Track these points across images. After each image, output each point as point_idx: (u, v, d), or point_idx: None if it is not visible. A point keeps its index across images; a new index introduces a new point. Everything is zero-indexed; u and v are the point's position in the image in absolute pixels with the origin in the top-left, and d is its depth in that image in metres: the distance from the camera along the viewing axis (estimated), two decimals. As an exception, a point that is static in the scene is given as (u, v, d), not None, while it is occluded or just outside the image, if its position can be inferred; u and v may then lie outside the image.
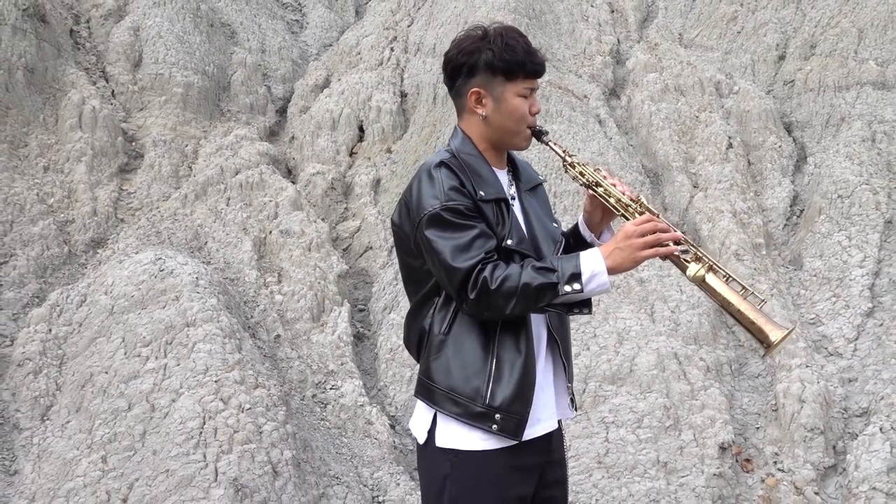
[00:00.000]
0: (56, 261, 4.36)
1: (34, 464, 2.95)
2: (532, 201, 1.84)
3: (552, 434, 1.75)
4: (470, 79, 1.74)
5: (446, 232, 1.62)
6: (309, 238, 4.76)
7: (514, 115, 1.72)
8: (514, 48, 1.71)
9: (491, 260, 1.60)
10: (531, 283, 1.57)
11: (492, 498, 1.64)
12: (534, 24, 7.72)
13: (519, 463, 1.66)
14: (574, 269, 1.58)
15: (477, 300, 1.59)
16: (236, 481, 2.51)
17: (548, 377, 1.74)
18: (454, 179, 1.69)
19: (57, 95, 5.81)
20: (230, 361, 3.05)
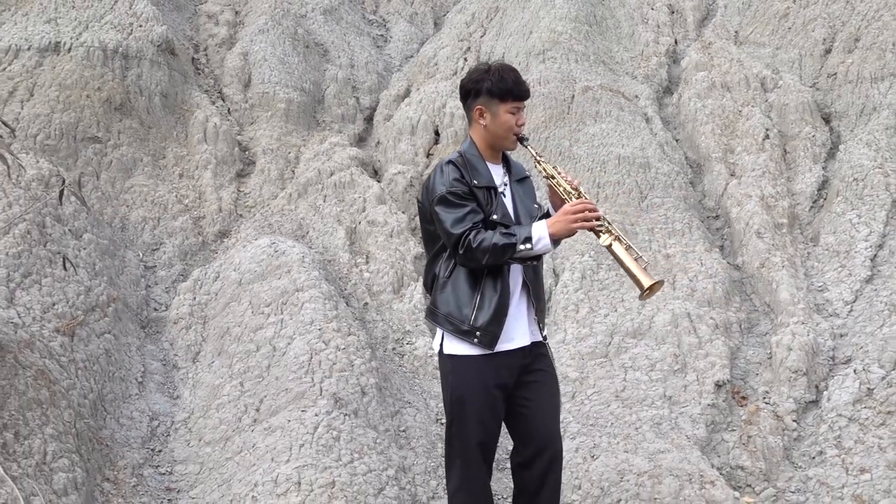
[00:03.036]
0: (193, 248, 5.52)
1: (191, 390, 4.03)
2: (519, 189, 2.70)
3: (526, 348, 2.57)
4: (476, 99, 2.61)
5: (448, 208, 2.48)
6: (391, 227, 5.73)
7: (504, 126, 2.56)
8: (506, 80, 2.59)
9: (476, 228, 2.46)
10: (498, 242, 2.42)
11: (476, 385, 2.50)
12: (594, 30, 8.41)
13: (495, 363, 2.50)
14: (527, 234, 2.43)
15: (464, 255, 2.45)
16: (335, 395, 3.46)
17: (521, 310, 2.58)
18: (457, 173, 2.54)
19: (185, 115, 7.05)
20: (329, 316, 4.03)
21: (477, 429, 2.56)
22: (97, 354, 3.85)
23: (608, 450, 3.48)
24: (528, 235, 2.41)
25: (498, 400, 2.57)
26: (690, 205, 5.46)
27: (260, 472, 3.10)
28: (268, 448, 3.25)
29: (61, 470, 3.00)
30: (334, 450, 3.18)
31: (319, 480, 2.98)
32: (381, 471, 3.17)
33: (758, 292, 4.69)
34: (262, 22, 8.79)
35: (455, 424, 2.61)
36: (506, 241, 2.40)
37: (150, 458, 3.56)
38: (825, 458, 3.32)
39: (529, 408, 2.61)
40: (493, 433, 2.60)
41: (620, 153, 5.76)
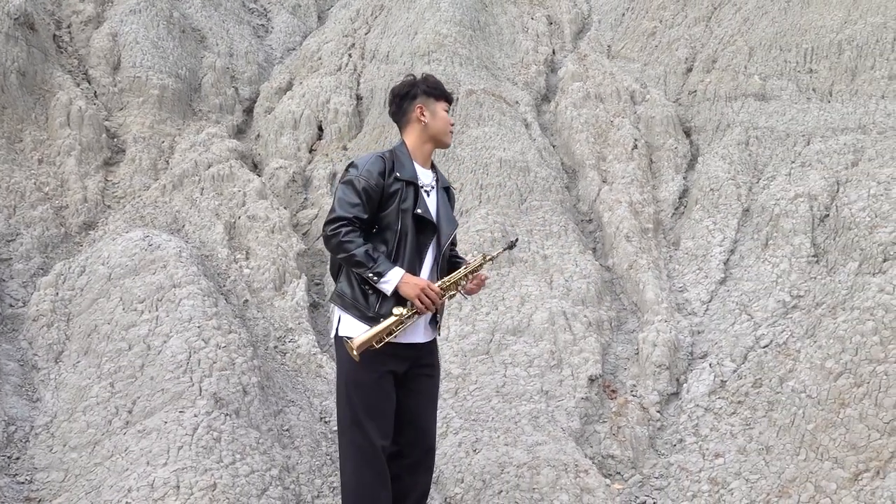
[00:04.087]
0: (55, 239, 5.14)
1: (53, 393, 3.75)
2: (444, 195, 2.84)
3: (423, 344, 2.72)
4: (414, 100, 2.79)
5: (349, 191, 2.63)
6: (272, 223, 5.60)
7: (443, 121, 2.79)
8: (438, 84, 2.80)
9: (353, 225, 2.59)
10: (357, 255, 2.56)
11: (371, 368, 2.58)
12: (478, 35, 8.62)
13: (391, 351, 2.59)
14: (383, 271, 2.58)
15: (329, 238, 2.59)
16: (216, 395, 3.35)
17: None
18: (380, 167, 2.70)
19: (46, 96, 6.53)
20: (209, 313, 3.89)
21: (370, 411, 2.62)
22: (-57, 354, 3.51)
23: (489, 443, 3.59)
24: (382, 272, 2.58)
25: (389, 383, 2.65)
26: (566, 208, 5.73)
27: (134, 477, 2.95)
28: (142, 451, 3.10)
29: None
30: (215, 451, 3.08)
31: (200, 483, 2.88)
32: (264, 471, 3.11)
33: (626, 292, 5.00)
34: (134, 2, 8.30)
35: (348, 406, 2.66)
36: (362, 261, 2.57)
37: (5, 467, 3.29)
38: (685, 445, 3.60)
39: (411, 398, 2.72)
40: (387, 415, 2.66)
41: (502, 156, 5.94)
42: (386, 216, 2.66)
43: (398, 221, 2.66)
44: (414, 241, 2.68)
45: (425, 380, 2.77)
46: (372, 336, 2.57)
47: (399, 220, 2.65)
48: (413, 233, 2.68)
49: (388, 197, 2.67)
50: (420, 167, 2.78)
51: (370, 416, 2.62)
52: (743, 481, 3.21)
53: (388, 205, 2.66)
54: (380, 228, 2.67)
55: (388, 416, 2.67)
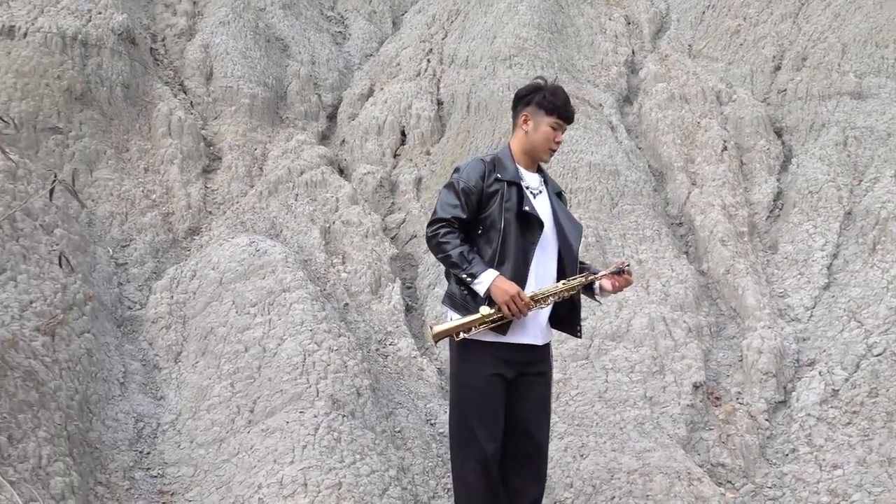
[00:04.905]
0: (164, 244, 5.40)
1: (175, 391, 3.96)
2: (556, 200, 2.85)
3: (535, 347, 2.71)
4: (525, 107, 2.82)
5: (449, 194, 2.71)
6: (365, 227, 5.74)
7: (542, 137, 2.78)
8: (558, 97, 2.78)
9: (451, 225, 2.66)
10: (453, 256, 2.63)
11: (480, 370, 2.63)
12: (556, 38, 8.60)
13: (501, 354, 2.63)
14: (476, 272, 2.61)
15: (430, 238, 2.69)
16: (332, 397, 3.48)
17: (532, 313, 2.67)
18: (481, 171, 2.76)
19: (148, 107, 6.86)
20: (319, 317, 4.03)
21: (479, 414, 2.66)
22: (79, 354, 3.74)
23: (596, 449, 3.61)
24: (476, 273, 2.61)
25: (498, 388, 2.69)
26: (658, 212, 5.69)
27: (263, 474, 3.09)
28: (268, 450, 3.24)
29: (57, 474, 2.93)
30: (336, 451, 3.20)
31: (326, 482, 3.00)
32: (383, 471, 3.22)
33: (723, 297, 4.93)
34: (223, 14, 8.61)
35: (456, 409, 2.71)
36: (457, 262, 2.63)
37: (139, 461, 3.49)
38: (798, 455, 3.54)
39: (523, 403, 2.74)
40: (496, 418, 2.69)
41: (591, 160, 5.94)
42: (488, 217, 2.70)
43: (501, 220, 2.68)
44: (519, 241, 2.69)
45: (537, 386, 2.76)
46: (451, 328, 2.60)
47: (502, 219, 2.68)
48: (517, 232, 2.69)
49: (488, 198, 2.71)
50: (524, 170, 2.81)
51: (479, 419, 2.65)
52: (865, 493, 3.14)
53: (490, 205, 2.70)
54: (484, 229, 2.71)
55: (498, 419, 2.68)
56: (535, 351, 2.73)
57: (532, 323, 2.72)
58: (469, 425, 2.67)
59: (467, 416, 2.68)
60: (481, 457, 2.63)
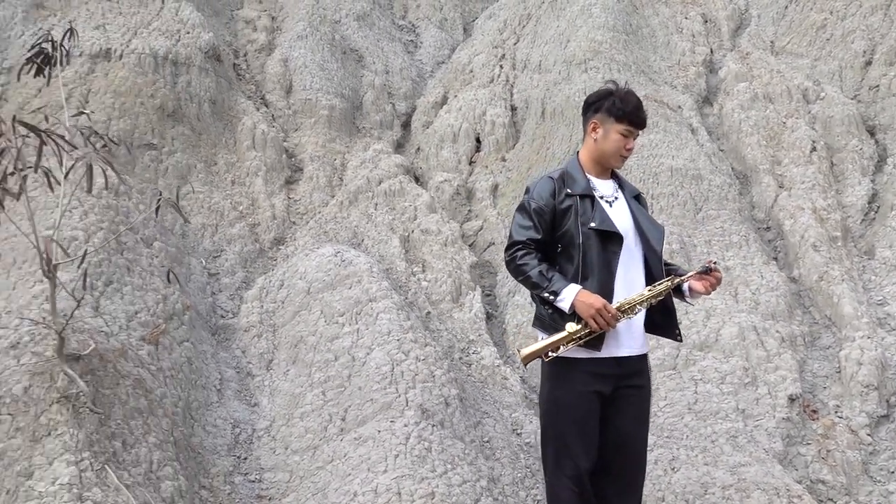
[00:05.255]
0: (252, 255, 5.60)
1: (269, 398, 4.10)
2: (635, 203, 2.79)
3: (630, 360, 2.66)
4: (595, 114, 2.77)
5: (522, 216, 2.70)
6: (444, 236, 5.80)
7: (612, 144, 2.72)
8: (628, 103, 2.71)
9: (527, 247, 2.64)
10: (532, 277, 2.61)
11: (574, 388, 2.61)
12: (631, 39, 8.47)
13: (596, 369, 2.60)
14: (558, 289, 2.58)
15: (508, 262, 2.68)
16: (421, 406, 3.54)
17: (622, 323, 2.63)
18: (550, 189, 2.71)
19: (233, 121, 7.12)
20: (405, 327, 4.10)
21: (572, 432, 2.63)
22: (180, 362, 3.92)
23: (688, 462, 3.54)
24: (558, 291, 2.58)
25: (594, 404, 2.65)
26: (745, 217, 5.53)
27: (358, 482, 3.17)
28: (361, 458, 3.32)
29: (167, 478, 3.08)
30: (428, 461, 3.25)
31: (419, 491, 3.05)
32: (474, 481, 3.25)
33: (817, 305, 4.75)
34: (301, 28, 8.86)
35: (549, 427, 2.70)
36: (537, 282, 2.60)
37: (238, 466, 3.64)
38: (906, 472, 3.38)
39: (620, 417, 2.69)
40: (589, 440, 2.67)
41: (672, 164, 5.83)
42: (565, 234, 2.66)
43: (579, 236, 2.64)
44: (601, 255, 2.65)
45: (634, 399, 2.71)
46: (540, 348, 2.58)
47: (579, 234, 2.64)
48: (598, 245, 2.65)
49: (561, 214, 2.67)
50: (596, 179, 2.75)
51: (574, 436, 2.62)
52: (983, 516, 2.97)
53: (564, 222, 2.66)
54: (563, 247, 2.67)
55: (593, 436, 2.65)
56: (631, 363, 2.68)
57: (626, 334, 2.68)
58: (563, 442, 2.64)
59: (562, 433, 2.65)
60: (575, 473, 2.62)
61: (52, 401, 2.97)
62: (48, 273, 2.92)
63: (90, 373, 3.14)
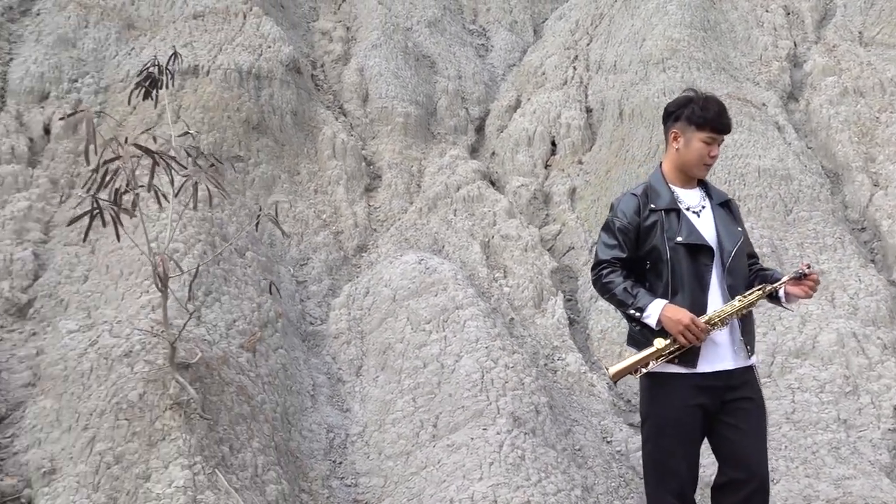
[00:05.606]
0: (337, 262, 5.75)
1: (360, 404, 4.21)
2: (721, 212, 2.75)
3: (732, 372, 2.60)
4: (675, 123, 2.73)
5: (607, 235, 2.69)
6: (524, 241, 5.81)
7: (694, 153, 2.67)
8: (709, 109, 2.67)
9: (612, 265, 2.63)
10: (618, 294, 2.59)
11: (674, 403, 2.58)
12: (709, 35, 8.27)
13: (698, 381, 2.56)
14: (643, 305, 2.56)
15: (594, 281, 2.69)
16: (513, 414, 3.56)
17: (723, 333, 2.59)
18: (634, 205, 2.69)
19: (314, 132, 7.32)
20: (493, 334, 4.14)
21: (673, 448, 2.60)
22: (276, 369, 4.07)
23: (787, 474, 3.45)
24: (643, 307, 2.56)
25: (696, 419, 2.60)
26: (838, 218, 5.34)
27: (453, 489, 3.22)
28: (456, 465, 3.37)
29: (271, 482, 3.20)
30: (522, 469, 3.28)
31: (515, 499, 3.08)
32: (568, 490, 3.25)
33: (921, 310, 4.54)
34: (375, 37, 9.01)
35: (650, 443, 2.66)
36: (622, 299, 2.60)
37: (334, 470, 3.74)
38: None
39: (735, 432, 2.62)
40: (690, 454, 2.63)
41: (760, 165, 5.67)
42: (652, 250, 2.62)
43: (666, 251, 2.59)
44: (691, 269, 2.59)
45: (744, 411, 2.62)
46: (628, 365, 2.56)
47: (667, 249, 2.59)
48: (687, 259, 2.60)
49: (646, 231, 2.63)
50: (681, 189, 2.69)
51: (676, 453, 2.58)
52: None
53: (651, 238, 2.62)
54: (651, 263, 2.64)
55: (694, 453, 2.61)
56: (735, 375, 2.61)
57: (725, 346, 2.62)
58: (665, 458, 2.60)
59: (663, 448, 2.60)
60: (678, 490, 2.58)
61: (165, 407, 3.13)
62: (161, 286, 3.08)
63: (198, 380, 3.30)
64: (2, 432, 3.69)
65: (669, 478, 2.61)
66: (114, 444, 3.11)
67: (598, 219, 6.58)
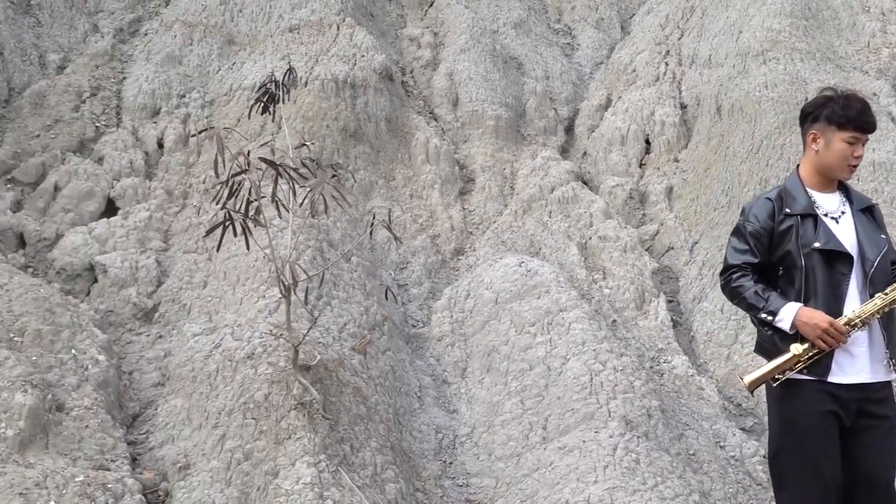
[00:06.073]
0: (435, 265, 5.85)
1: (466, 405, 4.28)
2: (862, 217, 2.60)
3: (872, 385, 2.47)
4: (813, 124, 2.61)
5: (737, 239, 2.61)
6: (623, 242, 5.75)
7: (836, 155, 2.54)
8: (851, 108, 2.56)
9: (743, 270, 2.55)
10: (748, 298, 2.50)
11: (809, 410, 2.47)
12: (811, 24, 7.94)
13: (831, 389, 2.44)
14: (775, 309, 2.46)
15: (723, 285, 2.60)
16: (624, 417, 3.55)
17: (861, 345, 2.46)
18: (768, 210, 2.59)
19: (407, 137, 7.47)
20: (599, 337, 4.13)
21: (813, 456, 2.50)
22: (385, 371, 4.19)
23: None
24: (776, 311, 2.47)
25: (832, 425, 2.50)
26: (966, 213, 5.03)
27: (568, 492, 3.24)
28: (569, 467, 3.39)
29: (390, 481, 3.31)
30: (637, 473, 3.26)
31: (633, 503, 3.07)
32: (686, 496, 3.21)
33: None
34: (463, 41, 9.10)
35: (784, 453, 2.57)
36: (753, 303, 2.51)
37: (445, 470, 3.83)
38: None
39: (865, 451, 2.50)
40: (831, 460, 2.52)
41: (874, 158, 5.41)
42: (786, 256, 2.53)
43: (800, 258, 2.49)
44: (826, 276, 2.49)
45: (878, 432, 2.49)
46: (765, 373, 2.46)
47: (800, 256, 2.49)
48: (823, 267, 2.49)
49: (780, 236, 2.53)
50: (819, 193, 2.57)
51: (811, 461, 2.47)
52: None
53: (784, 244, 2.52)
54: (784, 269, 2.54)
55: (834, 459, 2.48)
56: (872, 389, 2.48)
57: (861, 358, 2.48)
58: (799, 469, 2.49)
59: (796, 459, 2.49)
60: (816, 500, 2.49)
61: (289, 407, 3.29)
62: (284, 292, 3.24)
63: (318, 382, 3.44)
64: (137, 429, 3.95)
65: (804, 486, 2.52)
66: (243, 442, 3.29)
67: (697, 218, 6.44)
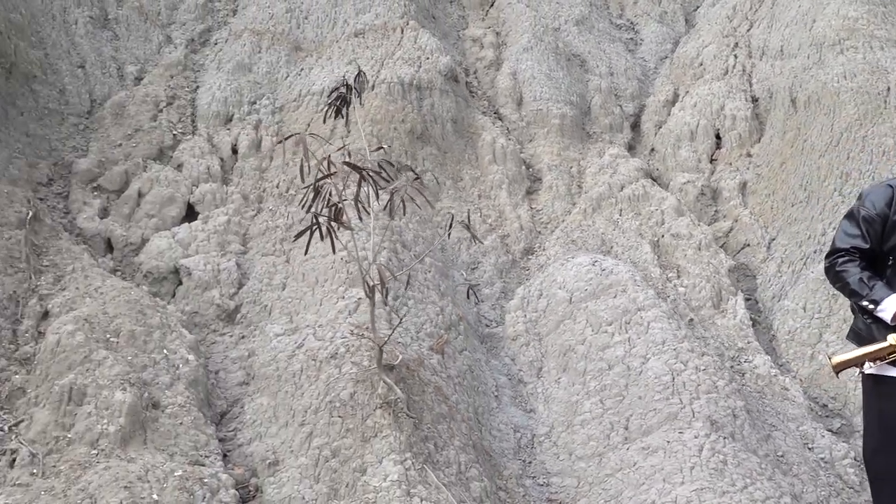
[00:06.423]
0: (506, 265, 5.87)
1: (544, 405, 4.29)
2: None
3: None
4: None
5: (848, 223, 2.59)
6: (697, 240, 5.65)
7: None
8: None
9: (850, 255, 2.52)
10: (852, 284, 2.48)
11: None
12: (890, 10, 7.63)
13: None
14: (879, 298, 2.43)
15: (827, 269, 2.58)
16: (709, 418, 3.50)
17: None
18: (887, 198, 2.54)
19: (473, 138, 7.50)
20: (679, 336, 4.08)
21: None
22: (463, 370, 4.23)
23: None
24: (878, 300, 2.44)
25: None
26: None
27: (654, 492, 3.22)
28: (653, 468, 3.37)
29: (474, 479, 3.35)
30: (725, 474, 3.22)
31: (722, 505, 3.03)
32: (777, 498, 3.15)
33: None
34: (525, 40, 9.07)
35: (882, 451, 2.53)
36: (856, 289, 2.48)
37: (525, 470, 3.85)
38: None
39: None
40: None
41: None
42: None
43: None
44: None
45: None
46: (854, 357, 2.46)
47: None
48: None
49: (894, 225, 2.50)
50: None
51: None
52: None
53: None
54: (895, 259, 2.52)
55: None
56: None
57: None
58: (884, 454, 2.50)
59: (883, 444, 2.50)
60: None
61: (375, 406, 3.36)
62: (369, 293, 3.31)
63: (401, 381, 3.51)
64: (225, 426, 4.10)
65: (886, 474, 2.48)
66: (330, 440, 3.38)
67: (774, 214, 6.27)
